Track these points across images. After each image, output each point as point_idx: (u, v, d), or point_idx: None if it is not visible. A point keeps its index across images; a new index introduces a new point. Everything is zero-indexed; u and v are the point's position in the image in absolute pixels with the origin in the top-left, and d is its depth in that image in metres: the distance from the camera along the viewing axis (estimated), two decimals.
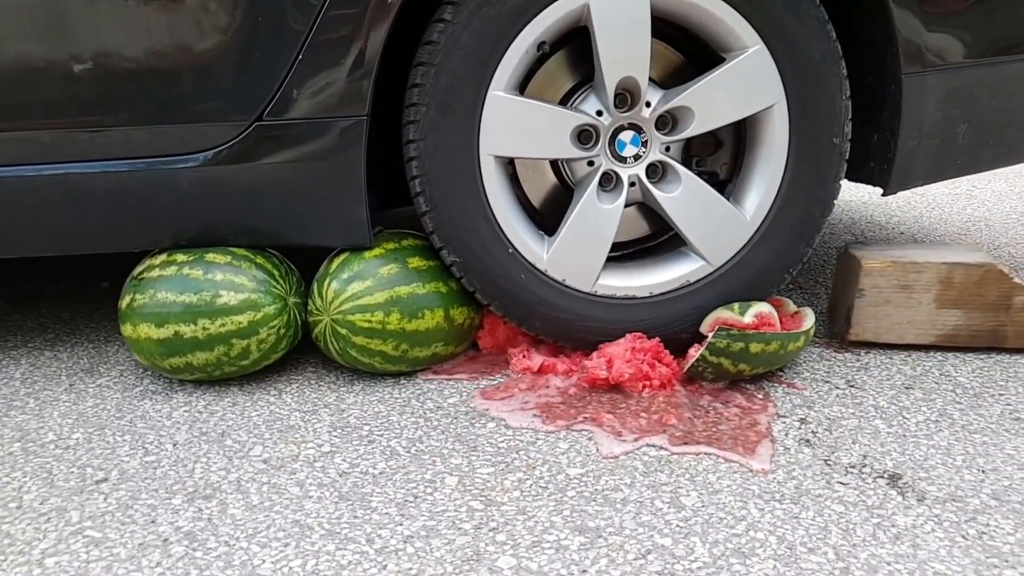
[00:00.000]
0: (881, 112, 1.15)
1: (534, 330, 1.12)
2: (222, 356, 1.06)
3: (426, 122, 1.02)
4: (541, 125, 1.05)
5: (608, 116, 1.07)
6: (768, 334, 1.05)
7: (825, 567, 0.75)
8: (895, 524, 0.81)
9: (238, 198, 1.06)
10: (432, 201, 1.05)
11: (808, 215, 1.11)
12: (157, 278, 1.06)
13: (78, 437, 1.01)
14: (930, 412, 1.04)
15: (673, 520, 0.82)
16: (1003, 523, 0.82)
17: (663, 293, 1.11)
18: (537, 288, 1.09)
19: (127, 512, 0.85)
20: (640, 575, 0.74)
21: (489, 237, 1.06)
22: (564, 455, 0.94)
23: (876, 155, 1.18)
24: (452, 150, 1.03)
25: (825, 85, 1.06)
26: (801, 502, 0.85)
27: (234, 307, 1.04)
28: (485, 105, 1.02)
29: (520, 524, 0.82)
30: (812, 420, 1.02)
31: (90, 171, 1.04)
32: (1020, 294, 1.17)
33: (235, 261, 1.07)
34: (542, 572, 0.75)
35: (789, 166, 1.08)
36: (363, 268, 1.07)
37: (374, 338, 1.06)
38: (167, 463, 0.94)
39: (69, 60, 0.99)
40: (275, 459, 0.94)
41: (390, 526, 0.82)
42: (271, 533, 0.81)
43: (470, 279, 1.09)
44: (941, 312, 1.18)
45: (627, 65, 1.03)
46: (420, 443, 0.97)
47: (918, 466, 0.91)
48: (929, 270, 1.17)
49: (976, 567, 0.75)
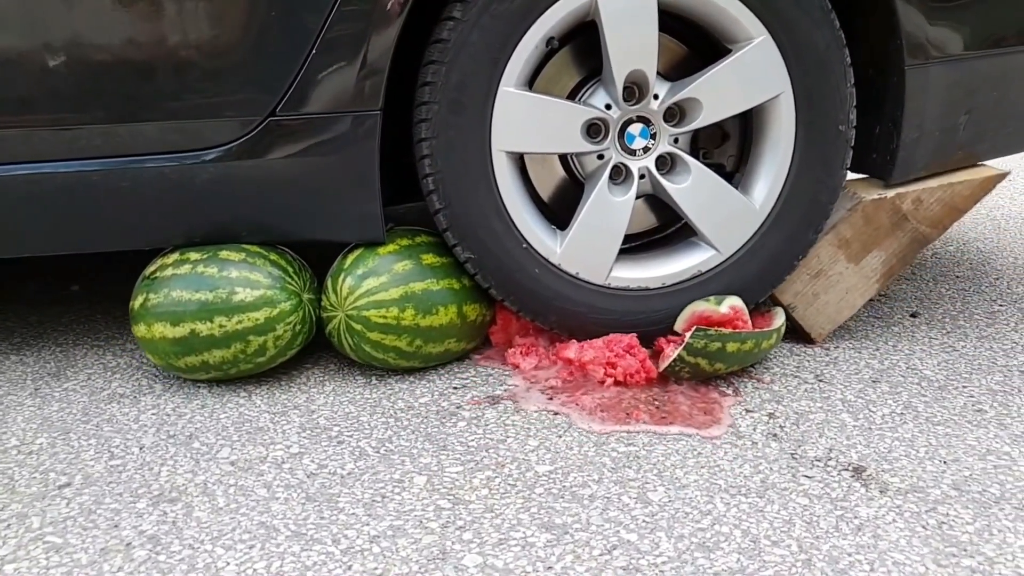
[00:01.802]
0: (883, 104, 1.16)
1: (549, 324, 1.12)
2: (238, 353, 1.05)
3: (438, 120, 1.02)
4: (552, 120, 1.05)
5: (617, 109, 1.07)
6: (744, 333, 1.06)
7: (788, 559, 0.76)
8: (857, 516, 0.82)
9: (251, 194, 1.05)
10: (445, 198, 1.05)
11: (816, 202, 1.12)
12: (171, 277, 1.05)
13: (42, 442, 0.99)
14: (896, 405, 1.05)
15: (640, 515, 0.83)
16: (962, 513, 0.83)
17: (675, 284, 1.12)
18: (552, 282, 1.09)
19: (89, 517, 0.84)
20: (605, 570, 0.75)
21: (503, 232, 1.07)
22: (534, 452, 0.94)
23: (879, 147, 1.19)
24: (464, 147, 1.03)
25: (830, 73, 1.07)
26: (767, 496, 0.86)
27: (250, 304, 1.04)
28: (496, 101, 1.02)
29: (487, 522, 0.82)
30: (780, 415, 1.03)
31: (101, 168, 1.03)
32: (903, 200, 1.16)
33: (249, 258, 1.07)
34: (508, 569, 0.75)
35: (796, 154, 1.10)
36: (378, 264, 1.07)
37: (388, 334, 1.06)
38: (133, 467, 0.93)
39: (79, 56, 0.98)
40: (243, 461, 0.94)
41: (356, 526, 0.82)
42: (236, 535, 0.80)
43: (484, 275, 1.09)
44: (862, 264, 1.17)
45: (635, 58, 1.04)
46: (390, 443, 0.97)
47: (882, 458, 0.93)
48: (822, 245, 1.17)
49: (935, 556, 0.76)
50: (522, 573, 0.74)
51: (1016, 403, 1.06)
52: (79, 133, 1.01)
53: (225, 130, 1.02)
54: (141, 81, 0.99)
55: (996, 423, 1.01)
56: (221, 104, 1.01)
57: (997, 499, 0.85)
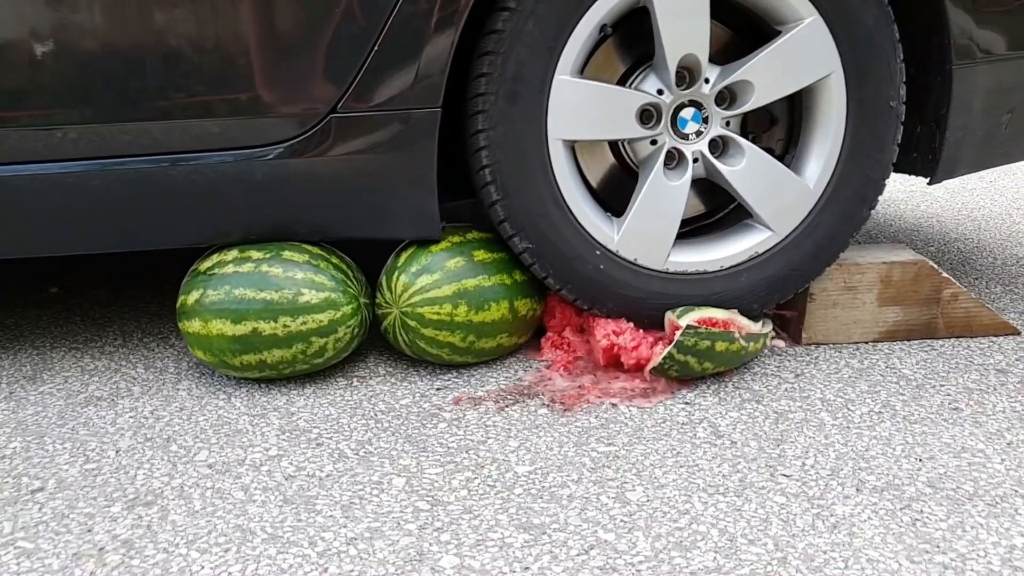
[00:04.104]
0: (926, 104, 1.18)
1: (607, 311, 1.13)
2: (298, 354, 1.06)
3: (495, 111, 1.02)
4: (607, 107, 1.06)
5: (669, 94, 1.08)
6: (733, 333, 1.07)
7: (764, 557, 0.76)
8: (834, 514, 0.83)
9: (310, 191, 1.05)
10: (503, 189, 1.05)
11: (869, 178, 1.14)
12: (232, 274, 1.05)
13: (15, 446, 0.98)
14: (874, 404, 1.06)
15: (617, 515, 0.83)
16: (936, 510, 0.84)
17: (733, 266, 1.14)
18: (610, 269, 1.10)
19: (62, 522, 0.83)
20: (582, 570, 0.75)
21: (560, 221, 1.07)
22: (514, 453, 0.94)
23: (920, 146, 1.21)
24: (521, 137, 1.03)
25: (880, 50, 1.08)
26: (744, 495, 0.86)
27: (315, 305, 1.05)
28: (552, 90, 1.02)
29: (465, 523, 0.82)
30: (760, 414, 1.03)
31: (161, 165, 1.02)
32: (948, 287, 1.21)
33: (313, 260, 1.07)
34: (485, 570, 0.75)
35: (848, 132, 1.11)
36: (431, 262, 1.08)
37: (443, 330, 1.07)
38: (108, 470, 0.92)
39: (147, 53, 0.97)
40: (220, 464, 0.93)
41: (334, 528, 0.81)
42: (212, 539, 0.80)
43: (542, 264, 1.09)
44: (882, 310, 1.21)
45: (688, 43, 1.05)
46: (369, 445, 0.96)
47: (859, 456, 0.93)
48: (871, 271, 1.20)
49: (908, 553, 0.77)
50: (499, 574, 0.74)
51: (991, 401, 1.07)
52: (142, 128, 1.00)
53: (286, 126, 1.01)
54: (207, 78, 0.99)
55: (972, 421, 1.02)
56: (284, 100, 1.00)
57: (971, 496, 0.86)
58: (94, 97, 0.99)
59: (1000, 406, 1.05)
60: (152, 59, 0.98)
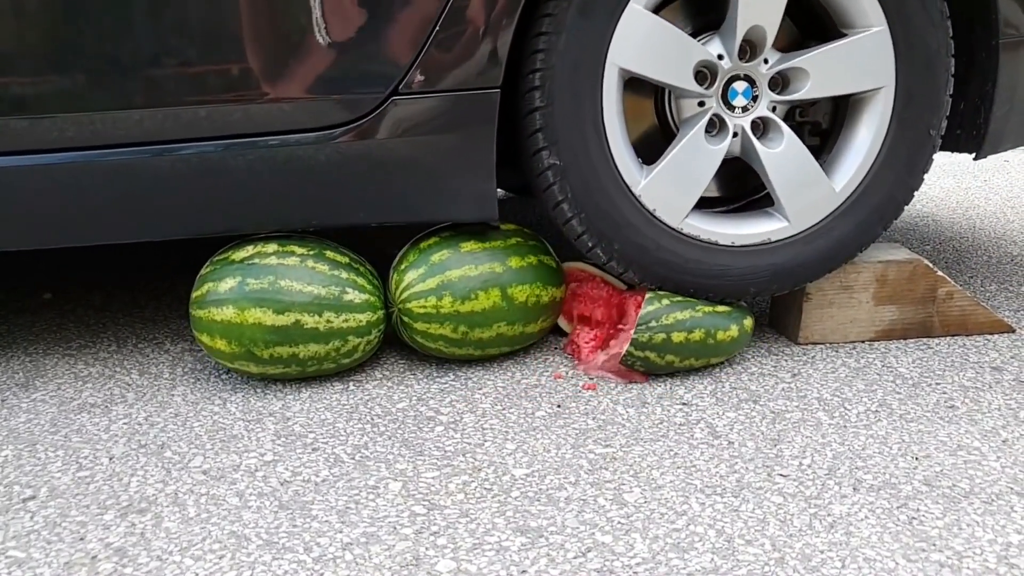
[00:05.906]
0: (970, 80, 1.18)
1: (610, 254, 1.11)
2: (332, 351, 1.07)
3: (564, 19, 1.00)
4: (670, 49, 1.05)
5: (729, 61, 1.09)
6: (689, 321, 1.07)
7: (761, 558, 0.76)
8: (831, 513, 0.83)
9: (371, 174, 1.05)
10: (548, 96, 1.03)
11: (892, 199, 1.15)
12: (277, 265, 1.05)
13: (7, 454, 0.97)
14: (871, 403, 1.06)
15: (615, 517, 0.82)
16: (932, 508, 0.84)
17: (743, 245, 1.14)
18: (627, 210, 1.08)
19: (54, 530, 0.82)
20: (579, 573, 0.74)
21: (594, 144, 1.05)
22: (511, 455, 0.94)
23: (964, 123, 1.22)
24: (584, 52, 1.02)
25: (935, 76, 1.10)
26: (742, 495, 0.86)
27: (358, 305, 1.07)
28: (623, 15, 1.02)
29: (462, 527, 0.81)
30: (757, 414, 1.03)
31: (218, 150, 1.01)
32: (944, 286, 1.22)
33: (354, 263, 1.11)
34: (481, 574, 0.74)
35: (884, 148, 1.13)
36: (419, 258, 1.11)
37: (431, 322, 1.09)
38: (101, 478, 0.91)
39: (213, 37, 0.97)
40: (215, 470, 0.92)
41: (330, 534, 0.81)
42: (206, 545, 0.79)
43: (562, 187, 1.07)
44: (879, 309, 1.22)
45: (760, 14, 1.06)
46: (365, 449, 0.96)
47: (856, 455, 0.93)
48: (867, 270, 1.20)
49: (904, 552, 0.77)
50: None
51: (987, 399, 1.07)
52: (194, 112, 0.99)
53: (347, 109, 1.01)
54: (271, 61, 0.98)
55: (967, 419, 1.02)
56: (343, 83, 1.00)
57: (966, 494, 0.86)
58: (161, 83, 0.98)
59: (996, 404, 1.05)
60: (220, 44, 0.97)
